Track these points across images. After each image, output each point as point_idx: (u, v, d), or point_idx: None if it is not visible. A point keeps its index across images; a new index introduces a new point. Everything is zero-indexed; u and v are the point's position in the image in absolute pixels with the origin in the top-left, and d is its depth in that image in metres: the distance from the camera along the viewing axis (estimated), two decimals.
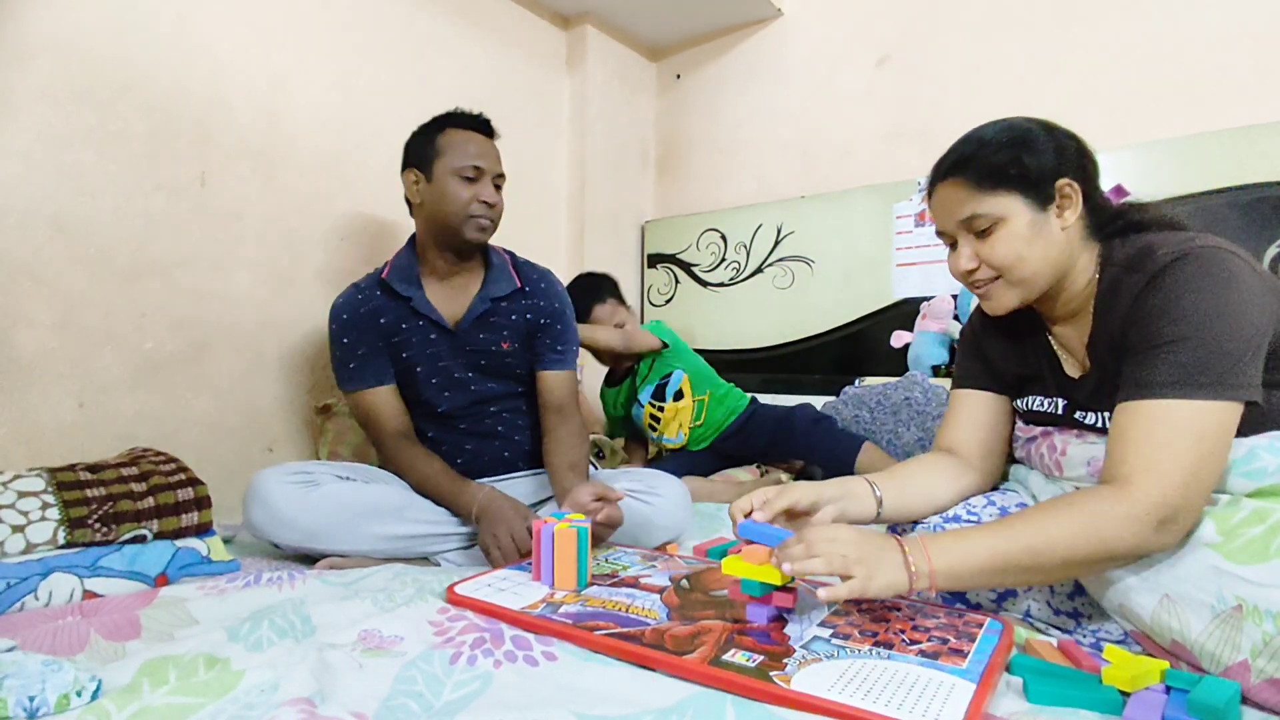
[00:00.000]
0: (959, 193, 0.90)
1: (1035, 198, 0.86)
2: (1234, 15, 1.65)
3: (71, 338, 1.37)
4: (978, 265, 0.91)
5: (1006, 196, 0.87)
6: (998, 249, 0.88)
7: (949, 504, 0.99)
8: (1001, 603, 0.92)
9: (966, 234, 0.91)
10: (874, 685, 0.66)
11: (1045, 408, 0.95)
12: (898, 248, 2.06)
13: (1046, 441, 0.95)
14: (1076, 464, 0.89)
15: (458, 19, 2.08)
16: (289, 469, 1.17)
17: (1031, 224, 0.87)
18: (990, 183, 0.87)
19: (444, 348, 1.31)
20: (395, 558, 1.17)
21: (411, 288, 1.30)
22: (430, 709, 0.65)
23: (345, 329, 1.28)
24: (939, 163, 0.94)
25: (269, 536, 1.14)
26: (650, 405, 1.92)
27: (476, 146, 1.29)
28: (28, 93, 1.31)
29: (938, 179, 0.94)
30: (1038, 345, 0.98)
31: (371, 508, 1.15)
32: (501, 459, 1.38)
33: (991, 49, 1.97)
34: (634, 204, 2.63)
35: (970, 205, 0.89)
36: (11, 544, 0.91)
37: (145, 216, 1.46)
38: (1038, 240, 0.87)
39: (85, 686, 0.63)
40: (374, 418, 1.28)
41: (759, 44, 2.44)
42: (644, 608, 0.87)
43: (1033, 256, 0.87)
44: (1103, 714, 0.66)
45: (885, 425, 1.77)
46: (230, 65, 1.58)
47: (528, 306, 1.36)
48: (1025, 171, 0.86)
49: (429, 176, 1.29)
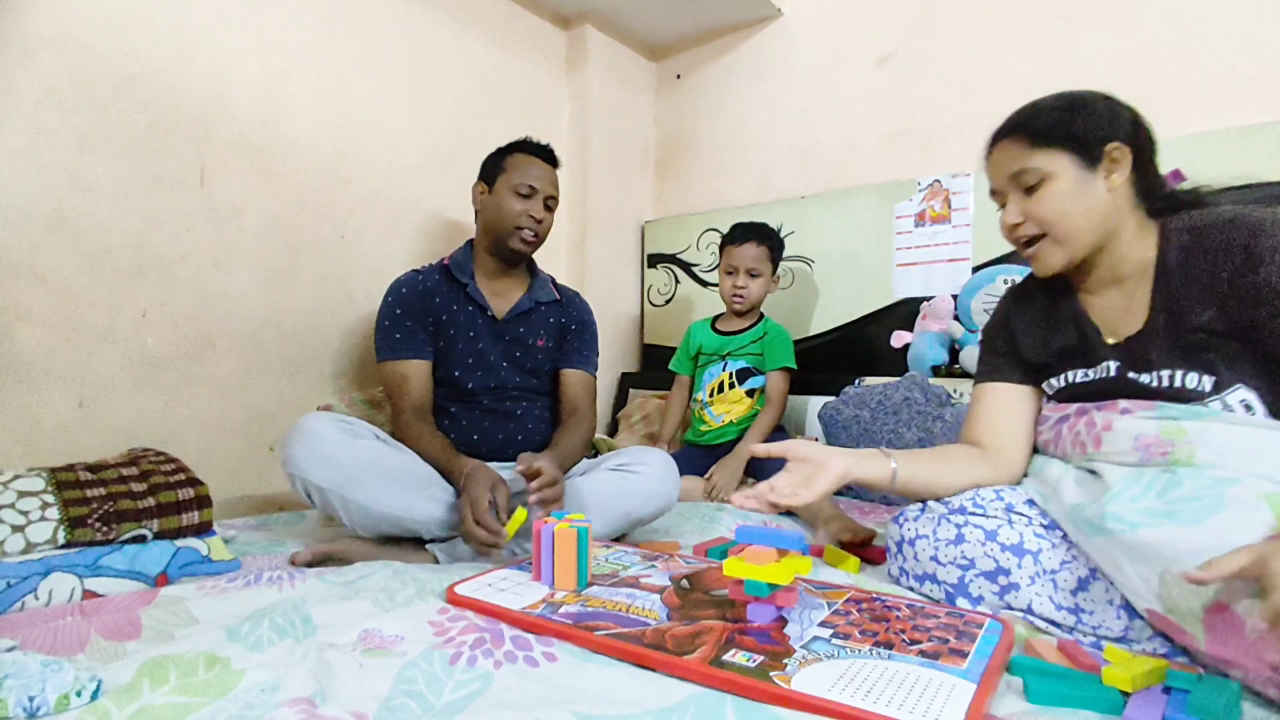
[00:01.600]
0: (1011, 151, 0.96)
1: (1083, 157, 0.91)
2: (1234, 16, 1.65)
3: (71, 336, 1.37)
4: (1023, 220, 0.96)
5: (1055, 153, 0.92)
6: (1043, 204, 0.93)
7: (957, 490, 1.02)
8: (1003, 595, 0.93)
9: (1015, 190, 0.96)
10: (874, 685, 0.66)
11: (1093, 376, 0.97)
12: (898, 248, 2.06)
13: (1083, 419, 0.96)
14: (1122, 438, 0.89)
15: (457, 18, 2.08)
16: (333, 416, 1.24)
17: (1077, 181, 0.91)
18: (1041, 140, 0.93)
19: (485, 332, 1.45)
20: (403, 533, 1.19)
21: (467, 277, 1.46)
22: (430, 709, 0.65)
23: (400, 301, 1.41)
24: (997, 128, 1.00)
25: (304, 474, 1.15)
26: (727, 375, 1.95)
27: (536, 169, 1.46)
28: (27, 90, 1.31)
29: (996, 139, 1.00)
30: (1072, 318, 1.01)
31: (403, 471, 1.20)
32: (514, 441, 1.44)
33: (992, 49, 1.97)
34: (634, 204, 2.63)
35: (1021, 160, 0.94)
36: (11, 544, 0.91)
37: (145, 213, 1.46)
38: (1082, 198, 0.91)
39: (85, 686, 0.63)
40: (403, 387, 1.37)
41: (759, 44, 2.44)
42: (644, 608, 0.87)
43: (1076, 213, 0.92)
44: (1103, 714, 0.66)
45: (885, 425, 1.76)
46: (230, 62, 1.58)
47: (563, 314, 1.54)
48: (1074, 132, 0.91)
49: (491, 189, 1.47)
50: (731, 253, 1.93)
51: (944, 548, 0.97)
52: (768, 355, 1.93)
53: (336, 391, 1.79)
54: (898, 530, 1.04)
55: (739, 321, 2.00)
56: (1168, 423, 0.86)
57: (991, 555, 0.93)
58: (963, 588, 0.95)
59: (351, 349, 1.83)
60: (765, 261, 1.92)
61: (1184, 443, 0.84)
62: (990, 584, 0.93)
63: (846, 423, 1.84)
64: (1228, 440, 0.81)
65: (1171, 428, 0.85)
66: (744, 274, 1.92)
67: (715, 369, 1.98)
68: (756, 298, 1.94)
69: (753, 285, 1.92)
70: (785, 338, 1.95)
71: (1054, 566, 0.91)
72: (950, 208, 1.97)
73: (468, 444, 1.40)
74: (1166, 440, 0.85)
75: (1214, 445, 0.82)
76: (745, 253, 1.91)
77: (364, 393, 1.79)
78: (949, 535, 0.97)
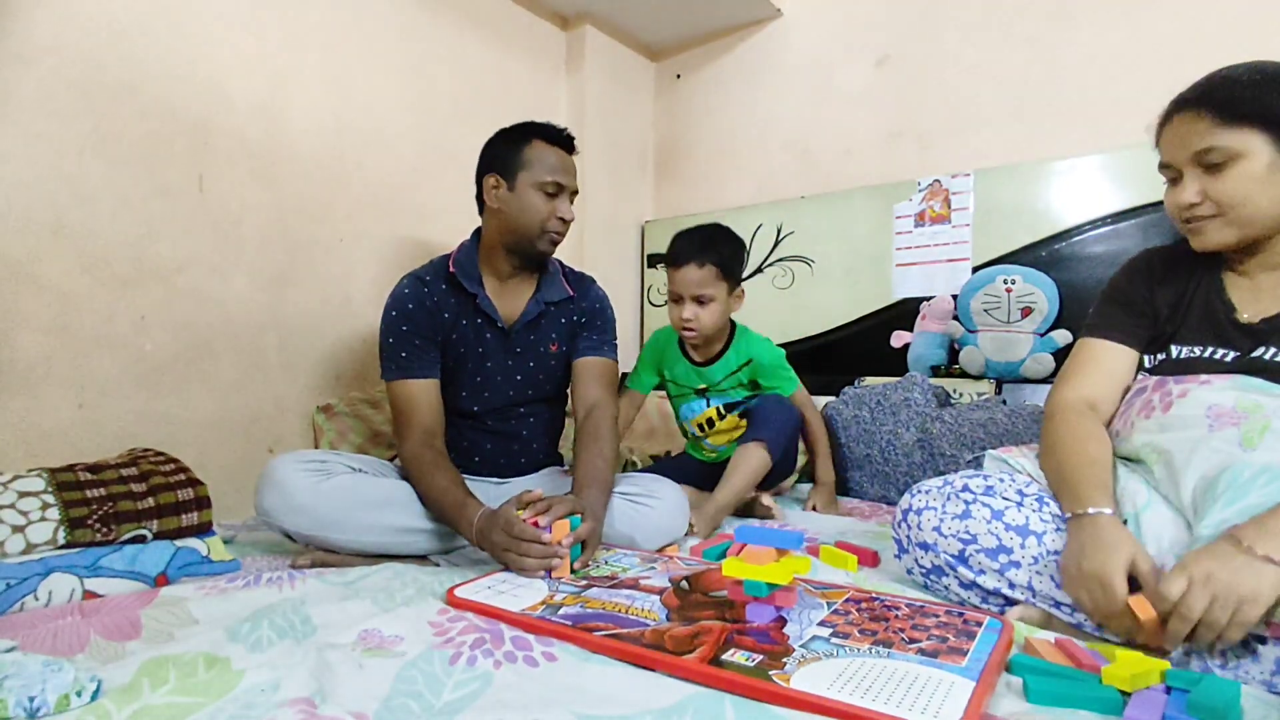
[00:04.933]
0: (1199, 124, 0.87)
1: (1279, 139, 0.84)
2: (1235, 16, 1.65)
3: (71, 340, 1.37)
4: (1201, 201, 0.88)
5: (1249, 133, 0.84)
6: (1228, 185, 0.86)
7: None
8: (1004, 573, 0.92)
9: (1195, 168, 0.88)
10: (873, 683, 0.66)
11: (1204, 354, 0.93)
12: (898, 248, 2.06)
13: (1159, 390, 0.93)
14: (1195, 405, 0.87)
15: (457, 19, 2.08)
16: (303, 456, 1.18)
17: (1271, 165, 0.84)
18: (1234, 117, 0.85)
19: (495, 347, 1.35)
20: (400, 554, 1.17)
21: (475, 284, 1.33)
22: (430, 709, 0.65)
23: (406, 317, 1.29)
24: (1180, 95, 0.91)
25: (280, 523, 1.14)
26: (715, 411, 1.66)
27: (561, 161, 1.31)
28: (26, 96, 1.31)
29: (1176, 110, 0.91)
30: (1206, 294, 0.96)
31: (383, 500, 1.16)
32: (518, 463, 1.40)
33: (992, 49, 1.97)
34: (633, 204, 2.63)
35: (1209, 138, 0.86)
36: (11, 544, 0.91)
37: (144, 220, 1.46)
38: (1272, 183, 0.85)
39: (85, 686, 0.63)
40: (411, 409, 1.27)
41: (759, 44, 2.44)
42: (643, 609, 0.87)
43: (1262, 198, 0.85)
44: (1103, 714, 0.66)
45: (885, 425, 1.76)
46: (228, 68, 1.58)
47: (574, 309, 1.41)
48: (1273, 110, 0.84)
49: (511, 185, 1.30)
50: (673, 277, 1.56)
51: (949, 521, 0.96)
52: (766, 385, 1.63)
53: (336, 393, 1.80)
54: (907, 499, 1.03)
55: (709, 347, 1.65)
56: (1245, 395, 0.84)
57: (995, 533, 0.93)
58: (962, 559, 0.95)
59: (350, 351, 1.83)
60: (715, 282, 1.53)
61: (1259, 417, 0.82)
62: (991, 560, 0.93)
63: (846, 423, 1.84)
64: None
65: (1248, 401, 0.84)
66: (690, 302, 1.54)
67: (697, 404, 1.68)
68: (711, 327, 1.56)
69: (703, 315, 1.54)
70: (776, 357, 1.65)
71: (1058, 548, 0.90)
72: (950, 208, 1.97)
73: (468, 464, 1.36)
74: (1241, 412, 0.83)
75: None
76: (687, 277, 1.53)
77: (363, 393, 1.80)
78: (956, 510, 0.96)
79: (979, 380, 1.83)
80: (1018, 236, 1.88)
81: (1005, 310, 1.78)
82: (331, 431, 1.69)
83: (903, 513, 1.03)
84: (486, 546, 1.06)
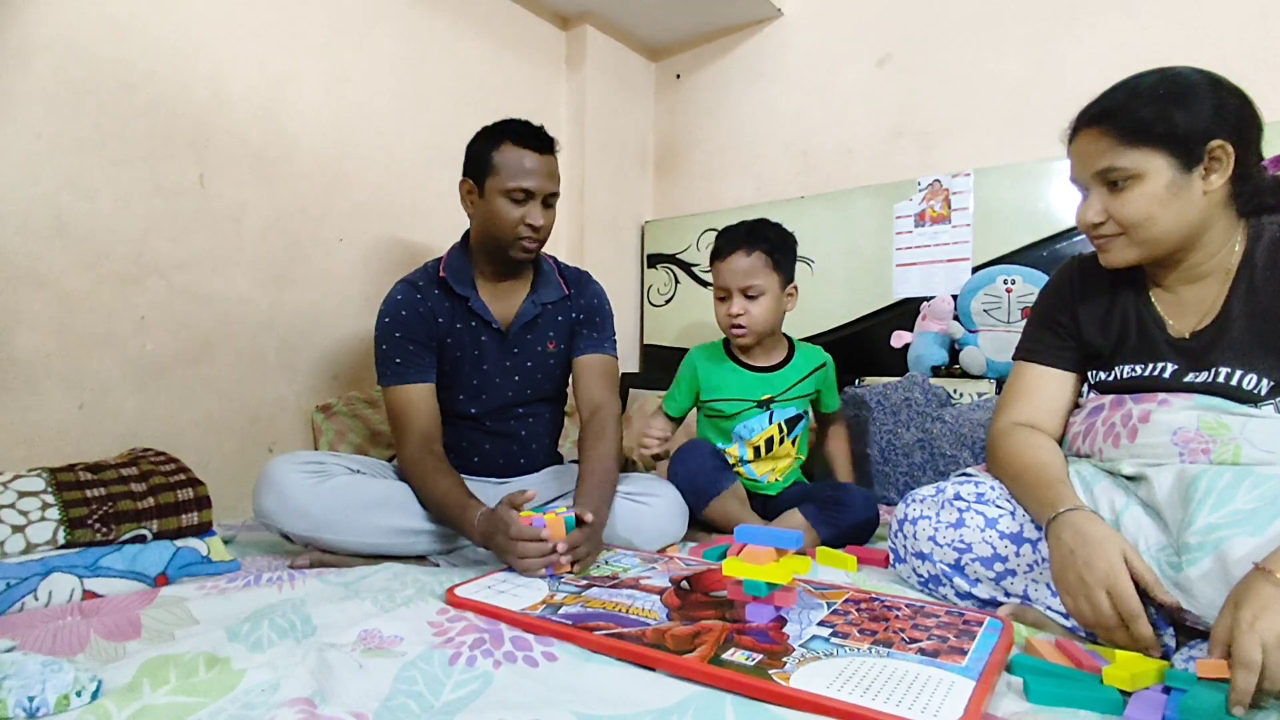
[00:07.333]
0: (1099, 143, 0.85)
1: (1181, 158, 0.82)
2: (1235, 17, 1.65)
3: (71, 339, 1.37)
4: (1105, 220, 0.87)
5: (1149, 153, 0.82)
6: (1128, 206, 0.84)
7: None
8: (1000, 582, 0.93)
9: (1100, 186, 0.87)
10: (873, 683, 0.66)
11: (1144, 373, 0.91)
12: (898, 248, 2.06)
13: (1119, 411, 0.91)
14: (1159, 431, 0.86)
15: (457, 19, 2.08)
16: (301, 458, 1.18)
17: (1171, 185, 0.82)
18: (1134, 137, 0.83)
19: (491, 349, 1.34)
20: (398, 555, 1.17)
21: (467, 288, 1.32)
22: (430, 709, 0.65)
23: (400, 324, 1.28)
24: (1085, 109, 0.89)
25: (279, 525, 1.14)
26: (777, 429, 1.48)
27: (530, 164, 1.25)
28: (27, 94, 1.31)
29: (1081, 125, 0.89)
30: (1135, 308, 0.94)
31: (381, 500, 1.16)
32: (516, 463, 1.40)
33: (992, 49, 1.97)
34: (633, 204, 2.63)
35: (1108, 158, 0.84)
36: (11, 544, 0.91)
37: (145, 218, 1.46)
38: (1174, 202, 0.83)
39: (85, 687, 0.63)
40: (408, 415, 1.26)
41: (759, 44, 2.44)
42: (644, 608, 0.87)
43: (1165, 218, 0.83)
44: (1103, 714, 0.66)
45: (885, 425, 1.76)
46: (229, 66, 1.58)
47: (572, 307, 1.40)
48: (1174, 129, 0.81)
49: (480, 191, 1.28)
50: (719, 271, 1.45)
51: (943, 530, 0.96)
52: (826, 393, 1.54)
53: (335, 392, 1.80)
54: (902, 508, 1.03)
55: (772, 351, 1.52)
56: (1206, 415, 0.83)
57: (989, 542, 0.93)
58: (958, 568, 0.95)
59: (350, 350, 1.83)
60: (765, 272, 1.41)
61: (1227, 439, 0.81)
62: (986, 569, 0.93)
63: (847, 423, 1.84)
64: (1273, 434, 0.79)
65: (1210, 421, 0.82)
66: (739, 296, 1.42)
67: (757, 421, 1.48)
68: (763, 324, 1.43)
69: (753, 310, 1.42)
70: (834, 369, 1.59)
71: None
72: (950, 208, 1.97)
73: (467, 465, 1.35)
74: (1208, 436, 0.82)
75: (1260, 441, 0.79)
76: (734, 267, 1.41)
77: (362, 392, 1.80)
78: (950, 519, 0.96)
79: (979, 380, 1.82)
80: (1018, 236, 1.88)
81: (1005, 310, 1.78)
82: (330, 431, 1.69)
83: (898, 522, 1.03)
84: (490, 547, 1.06)
